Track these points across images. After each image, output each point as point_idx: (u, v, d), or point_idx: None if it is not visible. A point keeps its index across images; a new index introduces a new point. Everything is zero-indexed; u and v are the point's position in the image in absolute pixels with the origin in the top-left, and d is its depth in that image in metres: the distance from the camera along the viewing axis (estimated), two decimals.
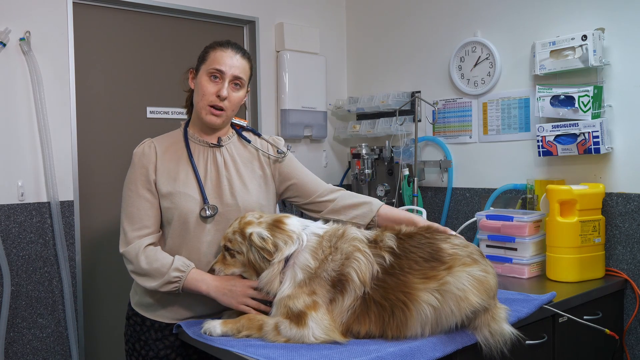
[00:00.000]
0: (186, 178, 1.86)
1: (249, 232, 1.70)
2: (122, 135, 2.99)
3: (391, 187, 3.28)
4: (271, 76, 3.49)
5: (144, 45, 3.08)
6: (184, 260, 1.80)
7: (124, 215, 1.86)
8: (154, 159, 1.87)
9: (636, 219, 2.48)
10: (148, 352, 1.88)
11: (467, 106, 3.12)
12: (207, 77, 1.86)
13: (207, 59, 1.88)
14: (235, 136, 1.99)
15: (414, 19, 3.38)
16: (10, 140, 2.60)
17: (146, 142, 1.91)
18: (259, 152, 1.99)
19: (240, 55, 1.89)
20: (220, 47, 1.88)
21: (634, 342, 2.50)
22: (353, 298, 1.59)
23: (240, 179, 1.92)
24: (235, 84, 1.87)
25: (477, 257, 1.67)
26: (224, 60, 1.85)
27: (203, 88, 1.86)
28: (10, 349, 2.59)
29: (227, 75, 1.85)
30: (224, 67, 1.84)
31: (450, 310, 1.58)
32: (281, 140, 2.06)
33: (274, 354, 1.50)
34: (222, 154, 1.93)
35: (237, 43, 1.94)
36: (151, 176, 1.85)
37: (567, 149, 2.56)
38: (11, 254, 2.59)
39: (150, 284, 1.79)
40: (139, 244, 1.80)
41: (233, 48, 1.89)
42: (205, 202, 1.85)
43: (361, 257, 1.62)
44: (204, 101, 1.86)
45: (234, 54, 1.87)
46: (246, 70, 1.90)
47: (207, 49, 1.91)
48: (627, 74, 2.49)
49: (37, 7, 2.66)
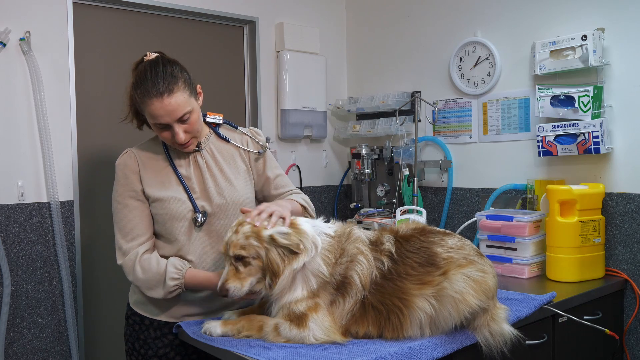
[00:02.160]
0: (172, 184, 1.86)
1: (269, 234, 1.60)
2: (122, 136, 2.98)
3: (391, 187, 3.28)
4: (271, 76, 3.49)
5: (144, 45, 3.08)
6: (175, 265, 1.80)
7: (116, 228, 1.86)
8: (137, 168, 1.86)
9: (636, 219, 2.47)
10: (147, 350, 1.89)
11: (467, 106, 3.12)
12: (155, 127, 1.78)
13: (144, 111, 1.76)
14: (213, 135, 1.97)
15: (414, 19, 3.38)
16: (10, 140, 2.60)
17: (127, 153, 1.89)
18: (240, 149, 1.98)
19: (167, 94, 1.71)
20: (145, 99, 1.72)
21: (634, 342, 2.50)
22: (353, 301, 1.60)
23: (225, 177, 1.91)
24: (184, 118, 1.76)
25: (473, 257, 1.66)
26: (157, 113, 1.72)
27: (160, 136, 1.81)
28: (10, 349, 2.59)
29: (172, 123, 1.74)
30: (163, 120, 1.73)
31: (448, 313, 1.58)
32: (260, 133, 2.03)
33: (274, 354, 1.50)
34: (202, 156, 1.91)
35: (155, 76, 1.72)
36: (137, 186, 1.84)
37: (567, 149, 2.56)
38: (11, 254, 2.59)
39: (155, 294, 1.81)
40: (135, 254, 1.81)
41: (157, 94, 1.70)
42: (196, 210, 1.85)
43: (364, 260, 1.62)
44: (169, 142, 1.82)
45: (161, 101, 1.70)
46: (183, 100, 1.74)
47: (135, 97, 1.76)
48: (627, 74, 2.49)
49: (37, 7, 2.66)
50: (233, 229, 1.65)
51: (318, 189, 3.69)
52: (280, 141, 3.52)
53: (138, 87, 1.75)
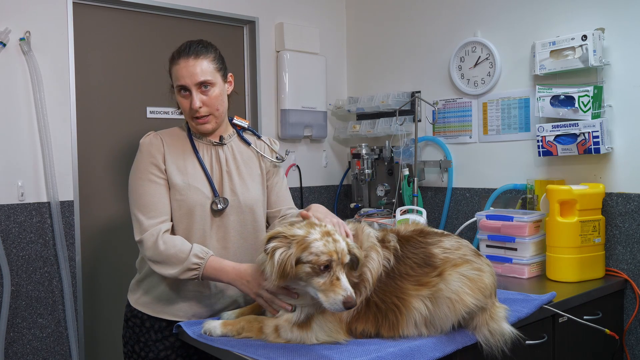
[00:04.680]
0: (194, 172, 1.88)
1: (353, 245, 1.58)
2: (122, 136, 2.99)
3: (391, 187, 3.28)
4: (271, 76, 3.49)
5: (144, 45, 3.08)
6: (202, 247, 1.78)
7: (136, 206, 1.82)
8: (162, 149, 1.87)
9: (636, 219, 2.47)
10: (148, 353, 1.88)
11: (467, 106, 3.12)
12: (178, 93, 1.87)
13: (172, 75, 1.88)
14: (235, 135, 2.02)
15: (414, 19, 3.38)
16: (10, 140, 2.60)
17: (152, 134, 1.92)
18: (259, 154, 2.01)
19: (193, 57, 1.82)
20: (174, 61, 1.85)
21: (634, 342, 2.50)
22: (362, 298, 1.60)
23: (240, 176, 1.94)
24: (204, 87, 1.84)
25: (470, 257, 1.67)
26: (181, 73, 1.82)
27: (180, 105, 1.89)
28: (10, 349, 2.59)
29: (191, 86, 1.83)
30: (184, 81, 1.82)
31: (444, 314, 1.59)
32: (277, 144, 2.08)
33: (274, 354, 1.50)
34: (224, 151, 1.95)
35: (189, 43, 1.87)
36: (161, 165, 1.85)
37: (567, 149, 2.56)
38: (11, 254, 2.59)
39: (169, 272, 1.75)
40: (156, 230, 1.78)
41: (185, 55, 1.83)
42: (216, 195, 1.87)
43: (375, 256, 1.63)
44: (187, 116, 1.89)
45: (187, 62, 1.82)
46: (208, 69, 1.84)
47: (169, 66, 1.89)
48: (627, 74, 2.49)
49: (37, 7, 2.66)
50: (327, 239, 1.52)
51: (318, 189, 3.69)
52: (280, 141, 3.52)
53: (173, 54, 1.87)
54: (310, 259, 1.47)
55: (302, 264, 1.48)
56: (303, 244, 1.48)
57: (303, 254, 1.48)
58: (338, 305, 1.45)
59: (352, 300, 1.45)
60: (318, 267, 1.46)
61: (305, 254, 1.47)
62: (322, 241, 1.49)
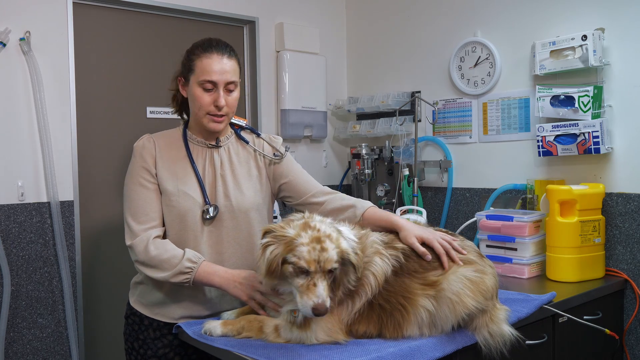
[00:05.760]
0: (186, 177, 1.86)
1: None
2: (122, 136, 2.99)
3: (391, 187, 3.28)
4: (271, 76, 3.49)
5: (144, 45, 3.08)
6: (194, 252, 1.78)
7: (128, 211, 1.82)
8: (154, 152, 1.86)
9: (636, 219, 2.47)
10: (147, 350, 1.88)
11: (467, 106, 3.12)
12: (200, 88, 1.81)
13: (195, 68, 1.81)
14: (233, 136, 1.98)
15: (414, 19, 3.38)
16: (10, 140, 2.60)
17: (145, 137, 1.91)
18: (256, 152, 1.98)
19: (227, 56, 1.81)
20: (204, 54, 1.80)
21: (634, 342, 2.50)
22: (364, 301, 1.59)
23: (235, 179, 1.91)
24: (230, 87, 1.83)
25: (473, 258, 1.68)
26: (212, 68, 1.78)
27: (199, 100, 1.81)
28: (10, 349, 2.59)
29: (220, 84, 1.80)
30: (215, 76, 1.78)
31: (445, 314, 1.59)
32: (279, 140, 2.03)
33: (274, 354, 1.50)
34: (219, 154, 1.92)
35: (218, 40, 1.85)
36: (152, 169, 1.85)
37: (567, 149, 2.56)
38: (11, 254, 2.59)
39: (160, 275, 1.75)
40: (147, 235, 1.78)
41: (217, 50, 1.81)
42: (207, 202, 1.85)
43: (379, 260, 1.61)
44: (203, 111, 1.83)
45: (220, 58, 1.80)
46: (236, 70, 1.84)
47: (190, 57, 1.83)
48: (627, 74, 2.49)
49: (37, 7, 2.66)
50: (314, 245, 1.50)
51: None
52: None
53: (200, 46, 1.82)
54: (293, 260, 1.49)
55: (287, 264, 1.51)
56: (290, 245, 1.50)
57: (288, 255, 1.50)
58: (307, 309, 1.46)
59: (323, 308, 1.45)
60: (299, 269, 1.48)
61: (290, 255, 1.49)
62: (307, 247, 1.48)
